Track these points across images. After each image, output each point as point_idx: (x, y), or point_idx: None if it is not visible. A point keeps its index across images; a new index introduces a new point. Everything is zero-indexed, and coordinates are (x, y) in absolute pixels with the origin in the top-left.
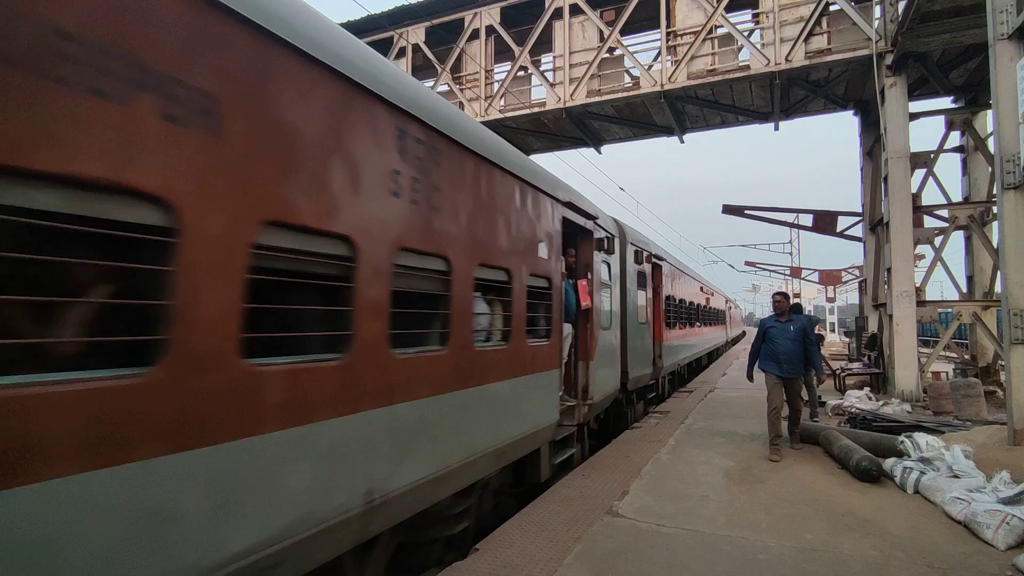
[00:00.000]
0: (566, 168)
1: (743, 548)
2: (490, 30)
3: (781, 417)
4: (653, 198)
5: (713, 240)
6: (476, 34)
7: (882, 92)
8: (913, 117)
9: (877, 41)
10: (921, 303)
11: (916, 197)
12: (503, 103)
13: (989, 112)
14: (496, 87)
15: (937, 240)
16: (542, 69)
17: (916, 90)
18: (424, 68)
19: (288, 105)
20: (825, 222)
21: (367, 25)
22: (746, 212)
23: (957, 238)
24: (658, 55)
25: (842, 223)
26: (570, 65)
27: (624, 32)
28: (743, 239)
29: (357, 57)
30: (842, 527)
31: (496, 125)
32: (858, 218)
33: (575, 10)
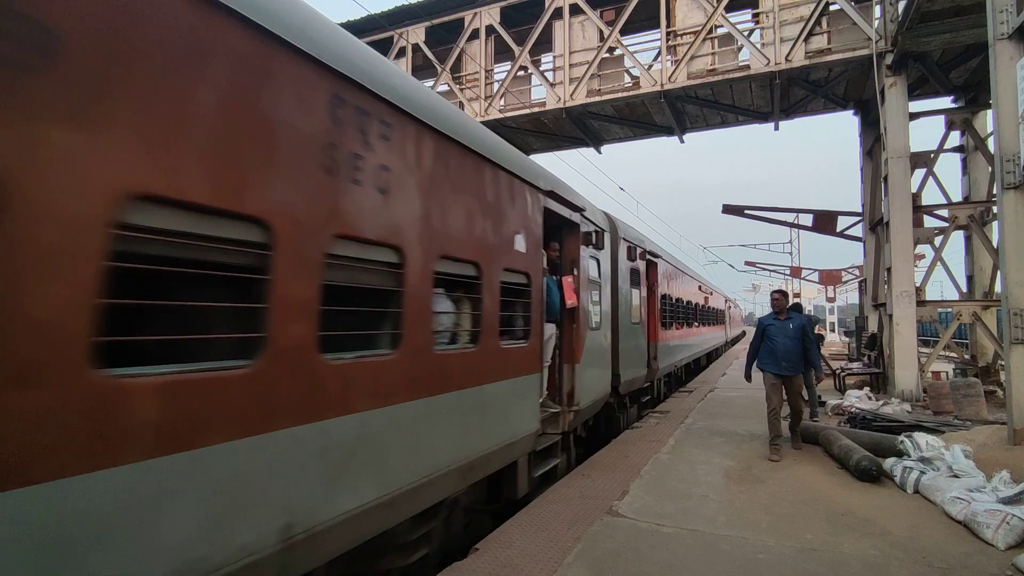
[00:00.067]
0: (566, 168)
1: (743, 548)
2: (490, 30)
3: (780, 417)
4: (653, 198)
5: (713, 240)
6: (476, 34)
7: (882, 92)
8: (913, 117)
9: (877, 41)
10: (921, 303)
11: (916, 197)
12: (503, 103)
13: (989, 112)
14: (496, 87)
15: (937, 240)
16: (542, 69)
17: (916, 90)
18: (424, 68)
19: (163, 48)
20: (825, 222)
21: (367, 25)
22: (746, 212)
23: (957, 238)
24: (658, 55)
25: (842, 223)
26: (570, 65)
27: (624, 32)
28: (743, 239)
29: (276, 6)
30: (842, 527)
31: (496, 125)
32: (858, 218)
33: (575, 10)
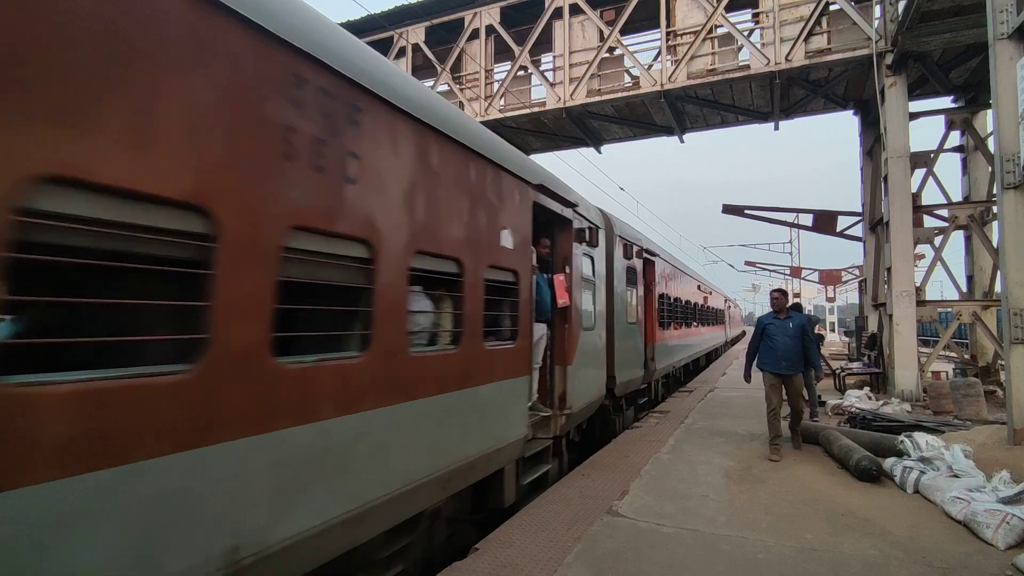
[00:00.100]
0: (566, 168)
1: (743, 548)
2: (490, 30)
3: (780, 417)
4: (653, 198)
5: (713, 240)
6: (476, 34)
7: (882, 92)
8: (913, 117)
9: (877, 41)
10: (921, 303)
11: (916, 197)
12: (503, 103)
13: (989, 112)
14: (496, 87)
15: (937, 240)
16: (542, 69)
17: (916, 90)
18: (424, 68)
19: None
20: (825, 222)
21: (367, 25)
22: (746, 212)
23: (957, 238)
24: (658, 55)
25: (842, 223)
26: (570, 65)
27: (624, 32)
28: (743, 239)
29: None
30: (842, 527)
31: (496, 125)
32: (858, 218)
33: (575, 10)
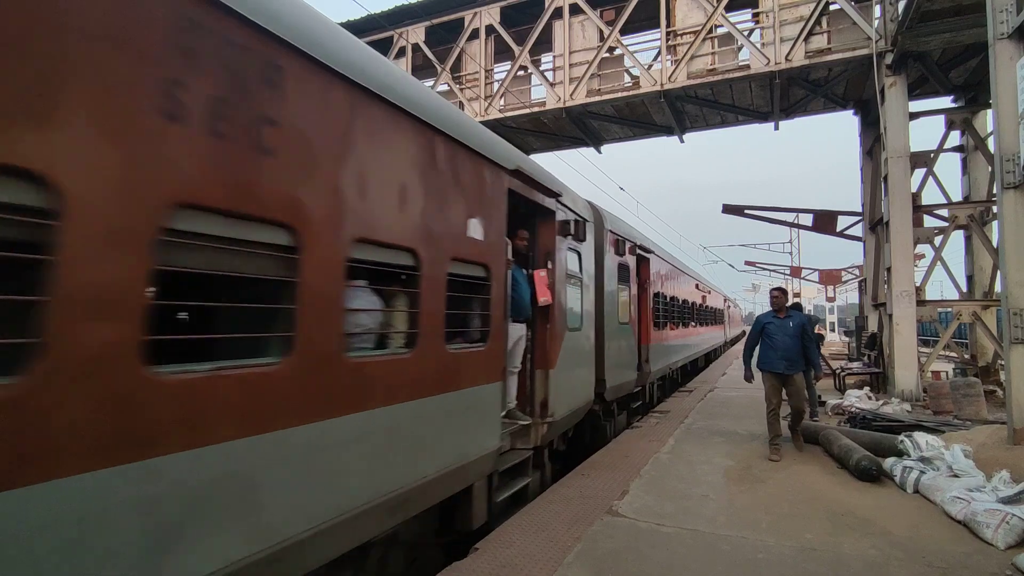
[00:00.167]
0: (566, 168)
1: (743, 548)
2: (490, 30)
3: (780, 417)
4: (653, 198)
5: (713, 240)
6: (476, 34)
7: (882, 92)
8: (913, 116)
9: (877, 41)
10: (921, 303)
11: (916, 197)
12: (503, 103)
13: (989, 111)
14: (496, 87)
15: (937, 240)
16: (542, 69)
17: (916, 89)
18: (424, 68)
19: None
20: (825, 222)
21: (367, 25)
22: (746, 212)
23: (957, 238)
24: (658, 55)
25: (842, 223)
26: (570, 65)
27: (624, 32)
28: (743, 239)
29: None
30: (842, 527)
31: (496, 125)
32: (858, 218)
33: (575, 10)
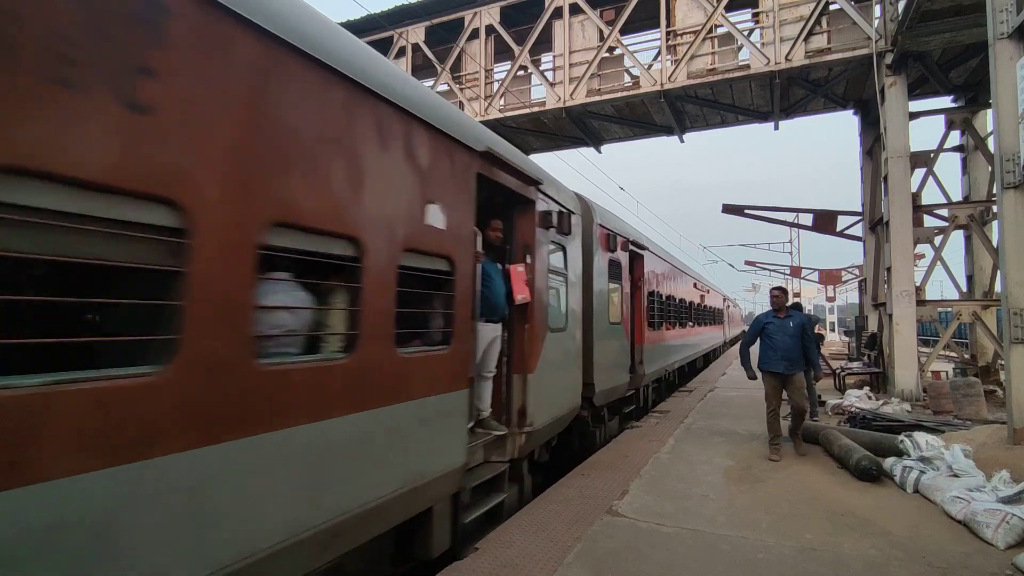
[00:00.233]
0: (566, 168)
1: (743, 548)
2: (490, 30)
3: (780, 417)
4: (653, 198)
5: (713, 240)
6: (476, 34)
7: (882, 91)
8: (913, 116)
9: (877, 40)
10: (921, 302)
11: (916, 196)
12: (503, 103)
13: (989, 111)
14: (496, 87)
15: (937, 239)
16: (542, 69)
17: (916, 89)
18: (424, 68)
19: None
20: (825, 221)
21: (367, 25)
22: (746, 211)
23: (957, 237)
24: (658, 55)
25: (842, 222)
26: (570, 65)
27: (624, 31)
28: (743, 239)
29: None
30: (842, 526)
31: (496, 125)
32: (858, 218)
33: (575, 9)
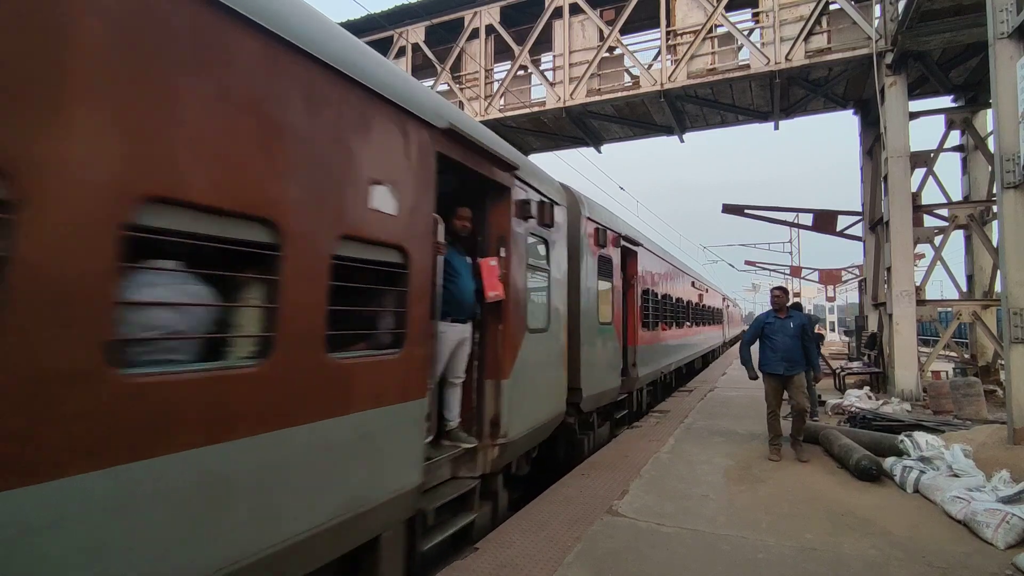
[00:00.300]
0: (566, 168)
1: (743, 547)
2: (490, 29)
3: (780, 418)
4: (653, 198)
5: (713, 240)
6: (476, 33)
7: (882, 91)
8: (913, 116)
9: (877, 40)
10: (921, 302)
11: (916, 196)
12: (503, 103)
13: (989, 111)
14: (496, 86)
15: (937, 239)
16: (542, 68)
17: (916, 89)
18: (424, 67)
19: None
20: (825, 221)
21: (367, 25)
22: (746, 211)
23: (957, 237)
24: (658, 54)
25: (842, 222)
26: (570, 64)
27: (624, 31)
28: (743, 239)
29: None
30: (842, 526)
31: (496, 124)
32: (858, 217)
33: (575, 9)
